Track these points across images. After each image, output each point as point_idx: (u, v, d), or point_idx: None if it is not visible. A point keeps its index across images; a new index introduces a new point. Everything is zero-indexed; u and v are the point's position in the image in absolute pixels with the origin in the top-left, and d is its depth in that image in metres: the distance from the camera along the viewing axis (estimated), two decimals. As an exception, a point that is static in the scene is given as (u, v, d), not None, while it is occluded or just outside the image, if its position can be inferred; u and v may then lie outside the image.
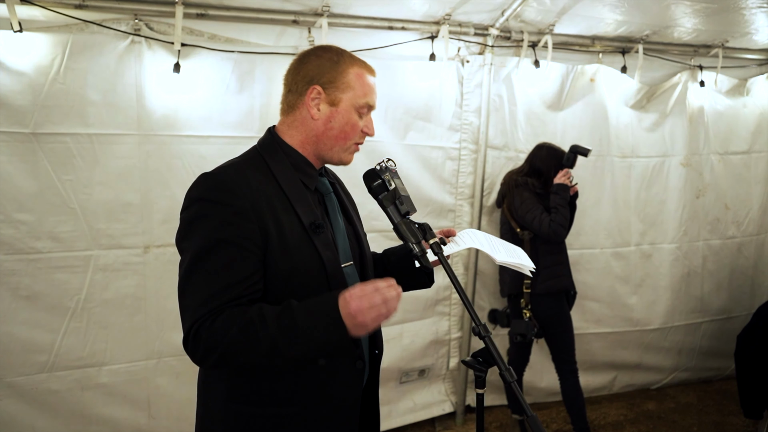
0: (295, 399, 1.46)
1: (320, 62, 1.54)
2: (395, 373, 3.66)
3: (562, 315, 3.39)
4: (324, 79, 1.51)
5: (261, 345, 1.29)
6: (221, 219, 1.37)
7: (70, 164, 2.73)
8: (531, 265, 1.65)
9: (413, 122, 3.46)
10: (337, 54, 1.56)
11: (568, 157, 3.36)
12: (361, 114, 1.56)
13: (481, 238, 1.71)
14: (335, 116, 1.52)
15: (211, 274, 1.35)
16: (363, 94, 1.54)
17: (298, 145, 1.55)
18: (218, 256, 1.36)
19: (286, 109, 1.58)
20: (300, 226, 1.46)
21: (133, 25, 2.76)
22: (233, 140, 2.98)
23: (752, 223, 4.42)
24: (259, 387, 1.46)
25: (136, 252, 2.90)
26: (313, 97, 1.51)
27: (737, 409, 3.83)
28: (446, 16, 3.22)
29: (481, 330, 1.40)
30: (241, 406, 1.46)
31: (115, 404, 2.94)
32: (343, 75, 1.52)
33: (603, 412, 4.13)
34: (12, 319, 2.70)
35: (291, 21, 2.98)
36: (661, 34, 3.71)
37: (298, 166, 1.54)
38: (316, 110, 1.52)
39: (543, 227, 3.25)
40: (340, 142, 1.54)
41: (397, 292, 1.31)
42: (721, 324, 4.44)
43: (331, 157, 1.57)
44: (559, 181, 3.32)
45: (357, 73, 1.54)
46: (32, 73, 2.62)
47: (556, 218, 3.25)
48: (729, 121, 4.30)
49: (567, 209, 3.29)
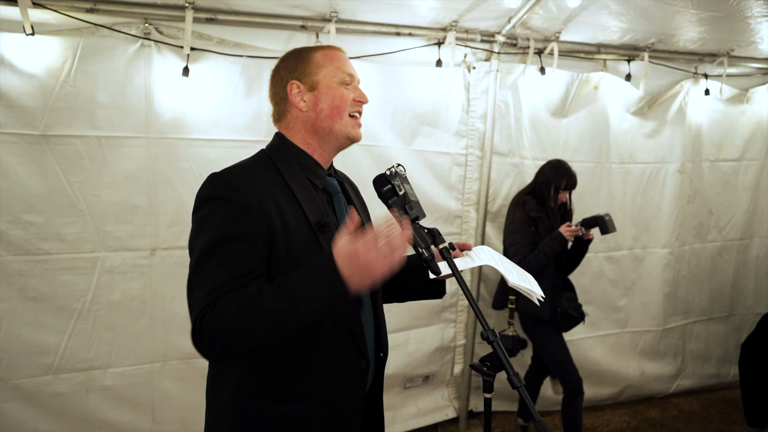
0: (299, 396, 1.47)
1: (288, 63, 1.61)
2: (399, 379, 3.66)
3: (540, 335, 3.38)
4: (296, 73, 1.58)
5: (262, 317, 1.26)
6: (228, 215, 1.39)
7: (79, 166, 2.75)
8: (540, 293, 1.64)
9: (420, 128, 3.48)
10: (300, 49, 1.63)
11: (590, 220, 3.28)
12: (346, 85, 1.58)
13: (496, 258, 1.69)
14: (320, 97, 1.55)
15: (217, 268, 1.36)
16: (336, 68, 1.58)
17: (302, 141, 1.58)
18: (224, 251, 1.37)
19: (277, 118, 1.63)
20: (307, 225, 1.47)
21: (143, 29, 2.78)
22: (241, 144, 3.00)
23: (734, 228, 4.54)
24: (263, 384, 1.47)
25: (142, 254, 2.91)
26: (295, 92, 1.56)
27: (741, 418, 3.83)
28: (453, 23, 3.24)
29: (490, 335, 1.40)
30: (246, 403, 1.47)
31: (120, 407, 2.93)
32: (310, 61, 1.58)
33: (606, 419, 4.13)
34: (18, 320, 2.71)
35: (299, 26, 2.99)
36: (667, 42, 3.73)
37: (306, 166, 1.56)
38: (302, 102, 1.56)
39: (515, 258, 3.21)
40: (336, 119, 1.56)
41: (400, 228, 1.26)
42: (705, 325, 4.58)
43: (336, 137, 1.58)
44: (564, 231, 3.21)
45: (323, 53, 1.60)
46: (43, 76, 2.64)
47: (531, 261, 3.20)
48: (725, 128, 4.37)
49: (548, 259, 3.23)
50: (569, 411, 3.36)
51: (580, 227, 3.26)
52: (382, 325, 1.70)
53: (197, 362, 2.96)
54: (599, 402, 4.23)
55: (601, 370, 4.15)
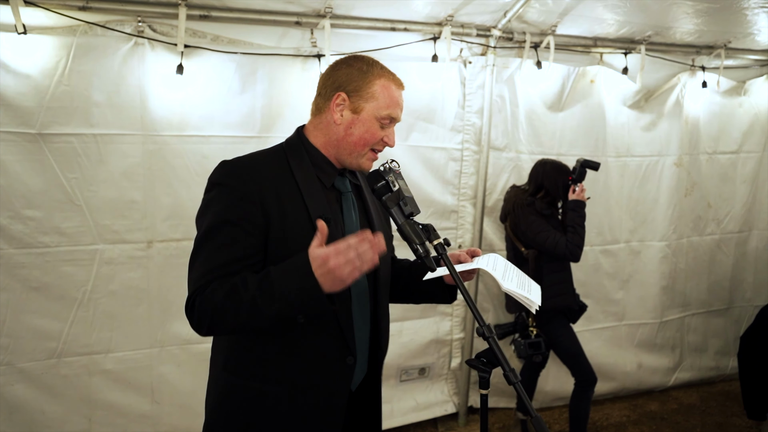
0: (282, 378, 1.55)
1: (350, 71, 1.59)
2: (394, 370, 3.68)
3: (555, 328, 3.38)
4: (350, 87, 1.58)
5: (243, 306, 1.38)
6: (229, 202, 1.49)
7: (76, 163, 2.79)
8: (539, 302, 1.62)
9: (416, 123, 3.47)
10: (368, 64, 1.61)
11: (580, 172, 3.30)
12: (383, 125, 1.60)
13: (499, 264, 1.68)
14: (356, 123, 1.58)
15: (213, 251, 1.47)
16: (386, 106, 1.59)
17: (321, 145, 1.63)
18: (221, 235, 1.48)
19: (314, 111, 1.66)
20: (307, 218, 1.52)
21: (137, 27, 2.77)
22: (235, 140, 3.02)
23: (733, 220, 4.54)
24: (248, 362, 1.57)
25: (139, 246, 2.97)
26: (338, 103, 1.58)
27: (740, 410, 3.84)
28: (448, 18, 3.23)
29: (485, 331, 1.40)
30: (230, 376, 1.58)
31: (121, 390, 3.03)
32: (369, 85, 1.58)
33: (606, 413, 4.14)
34: (23, 309, 2.81)
35: (294, 22, 2.98)
36: (664, 35, 3.72)
37: (317, 164, 1.62)
38: (339, 115, 1.58)
39: (559, 248, 3.20)
40: (358, 149, 1.60)
41: (371, 245, 1.33)
42: (703, 318, 4.58)
43: (350, 162, 1.63)
44: (576, 197, 3.26)
45: (383, 84, 1.59)
46: (38, 76, 2.65)
47: (574, 239, 3.20)
48: (723, 120, 4.37)
49: (584, 228, 3.24)
50: (579, 402, 3.37)
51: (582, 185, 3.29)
52: (383, 321, 1.70)
53: (194, 348, 3.07)
54: (598, 396, 4.22)
55: (598, 363, 4.14)
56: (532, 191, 3.40)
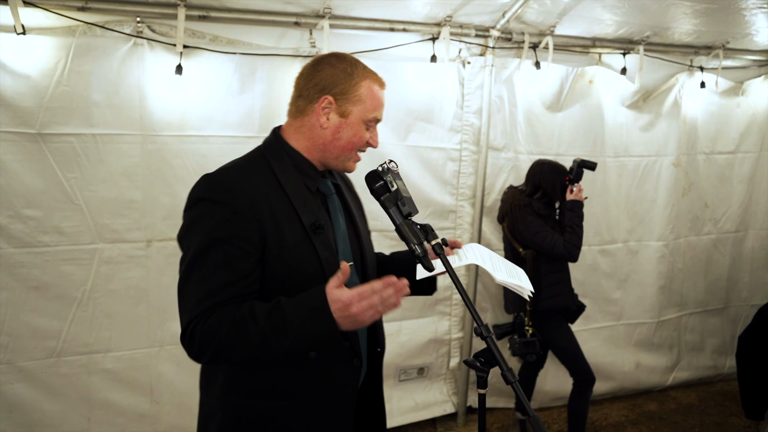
0: (291, 393, 1.49)
1: (334, 72, 1.54)
2: (392, 370, 3.69)
3: (553, 329, 3.38)
4: (336, 89, 1.52)
5: (252, 341, 1.33)
6: (219, 219, 1.40)
7: (75, 163, 2.79)
8: (530, 288, 1.64)
9: (414, 123, 3.48)
10: (351, 65, 1.56)
11: (577, 172, 3.30)
12: (369, 126, 1.58)
13: (485, 255, 1.70)
14: (344, 127, 1.54)
15: (207, 274, 1.38)
16: (373, 108, 1.56)
17: (303, 149, 1.57)
18: (215, 256, 1.39)
19: (294, 112, 1.59)
20: (300, 227, 1.47)
21: (136, 28, 2.77)
22: (234, 140, 3.02)
23: (729, 220, 4.55)
24: (255, 380, 1.50)
25: (139, 246, 2.97)
26: (324, 106, 1.53)
27: (739, 410, 3.84)
28: (447, 18, 3.23)
29: (483, 330, 1.40)
30: (237, 398, 1.50)
31: (120, 389, 3.04)
32: (355, 88, 1.53)
33: (604, 413, 4.14)
34: (23, 308, 2.81)
35: (293, 23, 2.99)
36: (662, 35, 3.72)
37: (300, 169, 1.56)
38: (325, 119, 1.53)
39: (557, 248, 3.20)
40: (345, 152, 1.57)
41: (396, 289, 1.31)
42: (700, 317, 4.59)
43: (336, 165, 1.60)
44: (574, 197, 3.26)
45: (369, 86, 1.56)
46: (37, 76, 2.66)
47: (572, 239, 3.20)
48: (720, 120, 4.37)
49: (582, 228, 3.24)
50: (578, 402, 3.37)
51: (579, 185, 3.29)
52: (379, 320, 1.70)
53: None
54: (596, 396, 4.22)
55: (596, 362, 4.14)
56: (529, 192, 3.40)
